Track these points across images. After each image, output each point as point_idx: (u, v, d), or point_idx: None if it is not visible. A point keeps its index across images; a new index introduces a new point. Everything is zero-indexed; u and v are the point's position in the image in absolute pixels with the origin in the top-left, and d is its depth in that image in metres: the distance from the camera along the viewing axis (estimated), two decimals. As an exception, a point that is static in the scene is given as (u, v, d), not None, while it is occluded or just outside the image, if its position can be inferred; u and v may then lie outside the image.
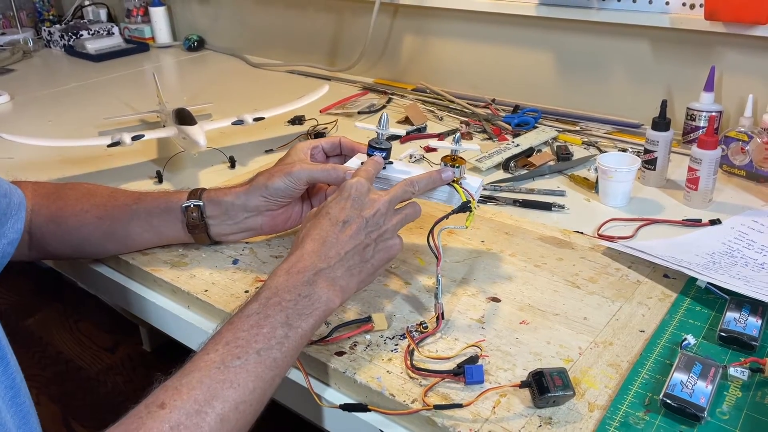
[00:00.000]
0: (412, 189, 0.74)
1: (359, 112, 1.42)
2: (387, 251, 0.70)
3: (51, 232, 0.83)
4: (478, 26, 1.47)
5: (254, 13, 1.92)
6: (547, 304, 0.74)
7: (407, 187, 0.73)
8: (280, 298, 0.62)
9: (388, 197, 0.71)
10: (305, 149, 0.84)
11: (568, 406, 0.60)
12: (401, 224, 0.72)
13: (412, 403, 0.60)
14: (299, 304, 0.62)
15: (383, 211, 0.70)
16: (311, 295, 0.63)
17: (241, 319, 0.61)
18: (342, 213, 0.68)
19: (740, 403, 0.60)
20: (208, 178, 1.12)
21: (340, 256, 0.66)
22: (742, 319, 0.68)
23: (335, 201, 0.70)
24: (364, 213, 0.69)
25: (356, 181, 0.71)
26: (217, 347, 0.58)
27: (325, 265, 0.65)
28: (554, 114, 1.34)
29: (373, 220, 0.69)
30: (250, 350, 0.58)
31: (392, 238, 0.71)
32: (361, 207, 0.69)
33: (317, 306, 0.63)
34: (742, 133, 1.04)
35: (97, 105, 1.54)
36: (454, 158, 0.77)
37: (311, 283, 0.64)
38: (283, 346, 0.60)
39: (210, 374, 0.56)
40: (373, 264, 0.69)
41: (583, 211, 0.98)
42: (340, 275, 0.66)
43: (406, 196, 0.73)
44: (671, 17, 1.18)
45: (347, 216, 0.68)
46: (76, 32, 2.07)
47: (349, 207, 0.69)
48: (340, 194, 0.70)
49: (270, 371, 0.58)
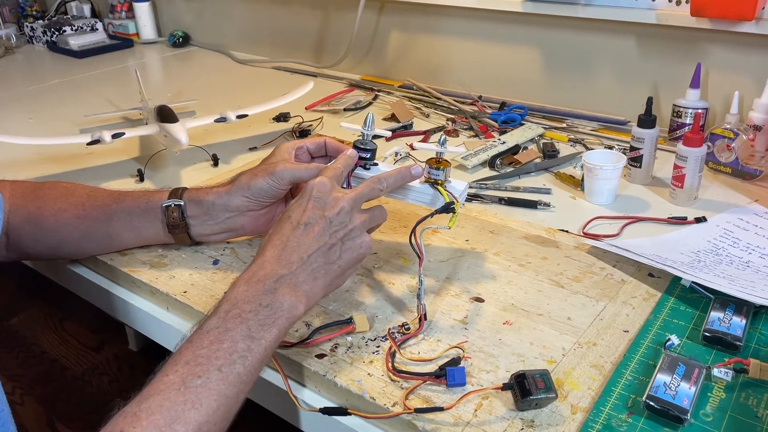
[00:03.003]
0: (380, 186, 0.72)
1: (345, 109, 1.41)
2: (355, 250, 0.68)
3: (28, 233, 0.82)
4: (464, 22, 1.46)
5: (240, 9, 1.91)
6: (531, 304, 0.74)
7: (374, 184, 0.71)
8: (240, 310, 0.60)
9: (354, 194, 0.68)
10: (289, 149, 0.83)
11: (551, 409, 0.59)
12: (369, 223, 0.70)
13: (393, 407, 0.60)
14: (260, 314, 0.60)
15: (348, 209, 0.67)
16: (273, 303, 0.61)
17: (200, 335, 0.58)
18: (303, 215, 0.66)
19: (724, 404, 0.59)
20: (190, 176, 1.11)
21: (303, 260, 0.64)
22: (726, 318, 0.68)
23: (297, 203, 0.68)
24: (326, 213, 0.66)
25: (318, 181, 0.68)
26: (176, 367, 0.56)
27: (287, 270, 0.63)
28: (541, 111, 1.34)
29: (337, 219, 0.67)
30: (211, 368, 0.56)
31: (360, 236, 0.68)
32: (323, 207, 0.67)
33: (280, 314, 0.61)
34: (727, 130, 1.04)
35: (80, 102, 1.52)
36: (439, 161, 0.76)
37: (272, 291, 0.62)
38: (246, 360, 0.58)
39: (170, 397, 0.54)
40: (340, 265, 0.67)
41: (568, 209, 0.97)
42: (303, 280, 0.64)
43: (374, 194, 0.71)
44: (657, 13, 1.17)
45: (309, 217, 0.66)
46: (59, 28, 2.04)
47: (311, 208, 0.67)
48: (302, 195, 0.68)
49: (233, 388, 0.57)
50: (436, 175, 0.75)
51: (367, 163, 0.78)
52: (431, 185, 0.75)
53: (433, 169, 0.75)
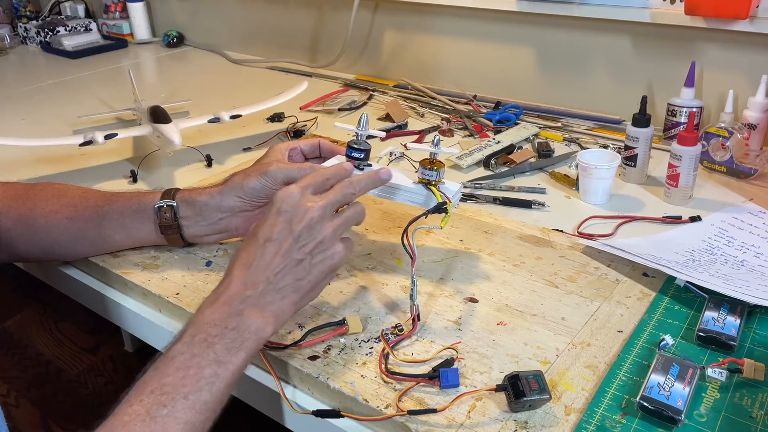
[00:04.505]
0: (351, 190, 0.68)
1: (340, 109, 1.40)
2: (327, 262, 0.65)
3: (20, 234, 0.81)
4: (459, 22, 1.46)
5: (234, 9, 1.90)
6: (525, 305, 0.73)
7: (345, 188, 0.68)
8: (206, 334, 0.58)
9: (323, 202, 0.65)
10: (283, 150, 0.83)
11: (545, 410, 0.59)
12: (342, 228, 0.67)
13: (386, 409, 0.59)
14: (227, 338, 0.58)
15: (317, 219, 0.64)
16: (239, 326, 0.59)
17: (165, 362, 0.57)
18: (270, 230, 0.63)
19: (718, 404, 0.59)
20: (184, 177, 1.10)
21: (269, 280, 0.62)
22: (720, 318, 0.68)
23: (264, 218, 0.64)
24: (294, 227, 0.63)
25: (284, 193, 0.64)
26: (141, 397, 0.54)
27: (253, 291, 0.61)
28: (536, 110, 1.34)
29: (305, 232, 0.63)
30: (177, 396, 0.55)
31: (331, 247, 0.65)
32: (290, 220, 0.63)
33: (247, 336, 0.59)
34: (722, 128, 1.04)
35: (73, 103, 1.51)
36: (433, 161, 0.75)
37: (239, 313, 0.60)
38: (213, 386, 0.56)
39: (135, 429, 0.53)
40: (310, 280, 0.64)
41: (563, 208, 0.97)
42: (270, 300, 0.62)
43: (346, 198, 0.68)
44: (652, 12, 1.17)
45: (276, 233, 0.63)
46: (52, 28, 2.04)
47: (278, 222, 0.63)
48: (269, 209, 0.65)
49: (201, 415, 0.55)
50: (429, 176, 0.74)
51: (361, 164, 0.77)
52: (424, 186, 0.74)
53: (426, 169, 0.74)
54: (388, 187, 0.76)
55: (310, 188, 0.66)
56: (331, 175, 0.68)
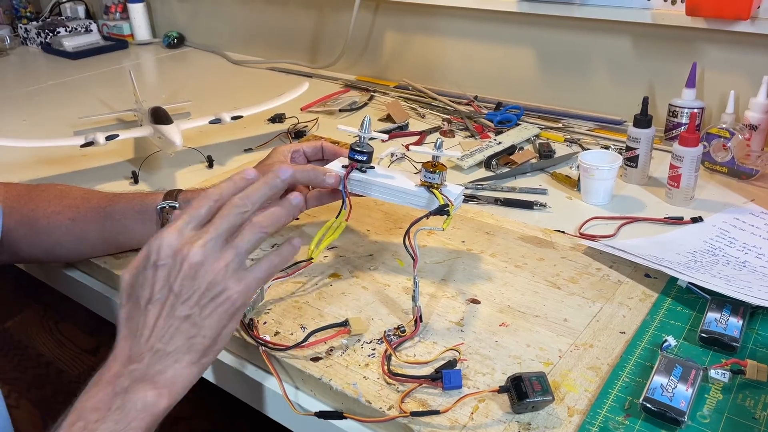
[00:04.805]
0: (242, 208, 0.58)
1: (340, 110, 1.40)
2: (220, 309, 0.56)
3: (22, 235, 0.81)
4: (460, 22, 1.46)
5: (235, 10, 1.90)
6: (528, 306, 0.73)
7: (233, 209, 0.58)
8: (85, 422, 0.51)
9: (203, 240, 0.56)
10: (286, 152, 0.83)
11: (547, 411, 0.59)
12: (241, 258, 0.57)
13: (389, 410, 0.59)
14: (109, 421, 0.52)
15: (197, 265, 0.55)
16: (125, 405, 0.52)
17: None
18: (150, 290, 0.55)
19: (721, 405, 0.59)
20: (185, 178, 1.10)
21: (154, 348, 0.54)
22: (723, 319, 0.68)
23: (141, 272, 0.56)
24: (173, 281, 0.55)
25: (159, 240, 0.56)
26: None
27: (137, 365, 0.54)
28: (537, 111, 1.34)
29: (187, 284, 0.55)
30: None
31: (223, 291, 0.56)
32: (168, 274, 0.55)
33: (134, 416, 0.52)
34: (723, 129, 1.04)
35: (74, 104, 1.51)
36: (435, 164, 0.75)
37: (124, 391, 0.53)
38: None
39: None
40: (206, 335, 0.56)
41: (564, 209, 0.97)
42: (160, 369, 0.54)
43: (237, 220, 0.58)
44: (653, 13, 1.17)
45: (156, 293, 0.55)
46: (53, 29, 2.04)
47: (157, 279, 0.55)
48: (145, 261, 0.56)
49: None
50: (432, 179, 0.74)
51: (364, 166, 0.77)
52: (427, 189, 0.74)
53: (428, 172, 0.74)
54: (390, 190, 0.76)
55: (191, 223, 0.57)
56: (220, 195, 0.59)
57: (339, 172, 0.77)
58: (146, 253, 0.56)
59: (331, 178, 0.76)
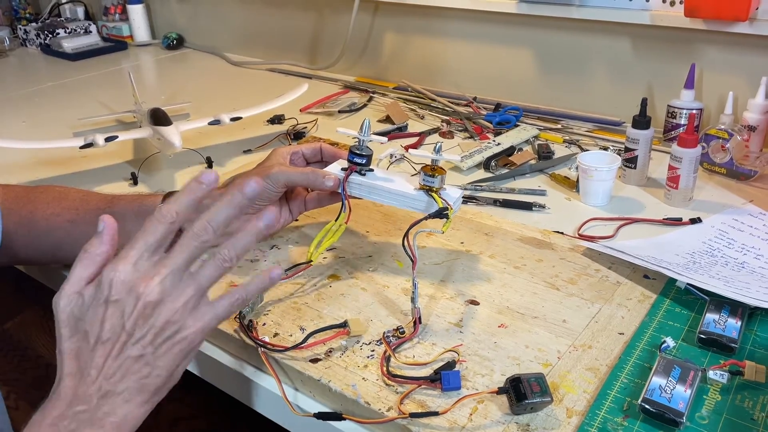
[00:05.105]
0: (204, 237, 0.53)
1: (340, 111, 1.40)
2: (176, 348, 0.53)
3: (21, 237, 0.81)
4: (459, 24, 1.46)
5: (234, 11, 1.90)
6: (526, 307, 0.73)
7: (195, 238, 0.53)
8: None
9: (164, 273, 0.52)
10: (285, 154, 0.83)
11: (546, 413, 0.59)
12: (201, 293, 0.54)
13: (388, 411, 0.59)
14: None
15: (154, 304, 0.52)
16: None
17: None
18: (99, 328, 0.51)
19: (719, 406, 0.59)
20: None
21: (102, 389, 0.51)
22: (721, 320, 0.68)
23: (91, 306, 0.52)
24: (126, 321, 0.51)
25: (110, 275, 0.52)
26: None
27: (84, 407, 0.51)
28: (535, 112, 1.34)
29: (141, 323, 0.51)
30: None
31: (182, 329, 0.53)
32: (122, 312, 0.51)
33: None
34: (722, 130, 1.04)
35: (74, 105, 1.51)
36: (434, 168, 0.76)
37: None
38: None
39: None
40: (159, 374, 0.53)
41: (563, 210, 0.97)
42: (109, 410, 0.51)
43: (198, 252, 0.54)
44: (651, 14, 1.17)
45: (105, 332, 0.51)
46: (52, 31, 2.04)
47: (108, 317, 0.51)
48: (95, 293, 0.52)
49: None
50: (431, 183, 0.75)
51: (363, 169, 0.78)
52: (426, 192, 0.75)
53: (427, 176, 0.75)
54: (389, 193, 0.76)
55: (146, 252, 0.53)
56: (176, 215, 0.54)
57: (338, 175, 0.77)
58: (96, 285, 0.52)
59: (331, 181, 0.77)
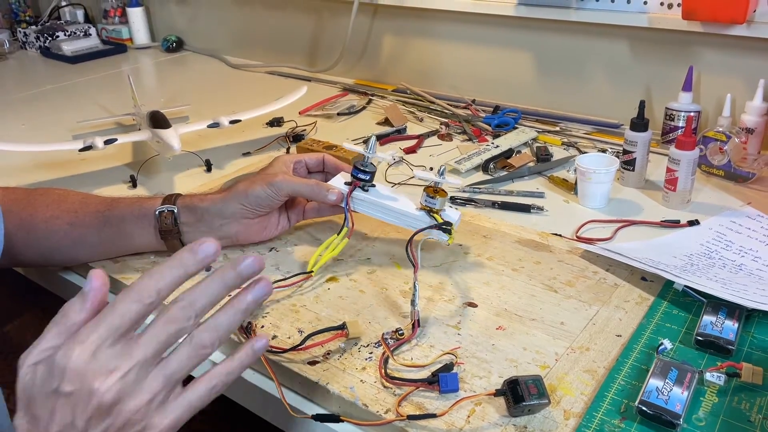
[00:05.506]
0: (185, 323, 0.46)
1: (339, 114, 1.41)
2: None
3: (21, 240, 0.81)
4: (457, 26, 1.46)
5: (233, 14, 1.90)
6: (524, 309, 0.74)
7: (170, 326, 0.46)
8: None
9: (126, 366, 0.45)
10: (288, 162, 0.84)
11: (544, 414, 0.59)
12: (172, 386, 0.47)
13: (386, 413, 0.59)
14: None
15: (113, 401, 0.44)
16: None
17: None
18: (46, 414, 0.45)
19: (716, 408, 0.59)
20: (183, 182, 1.10)
21: None
22: (718, 322, 0.68)
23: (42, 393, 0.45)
24: (76, 417, 0.44)
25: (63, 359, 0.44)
26: None
27: None
28: (534, 114, 1.34)
29: (95, 423, 0.44)
30: None
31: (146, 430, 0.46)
32: (72, 406, 0.44)
33: None
34: (720, 133, 1.04)
35: (73, 108, 1.51)
36: (437, 190, 0.78)
37: None
38: None
39: None
40: None
41: (561, 212, 0.97)
42: None
43: (171, 340, 0.46)
44: (649, 17, 1.18)
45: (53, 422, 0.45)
46: (52, 33, 2.04)
47: (58, 407, 0.44)
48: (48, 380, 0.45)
49: None
50: (432, 204, 0.77)
51: (366, 185, 0.79)
52: (427, 213, 0.78)
53: (429, 197, 0.78)
54: (391, 211, 0.79)
55: (110, 338, 0.45)
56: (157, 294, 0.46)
57: (341, 189, 0.79)
58: (47, 368, 0.45)
59: (334, 195, 0.78)
